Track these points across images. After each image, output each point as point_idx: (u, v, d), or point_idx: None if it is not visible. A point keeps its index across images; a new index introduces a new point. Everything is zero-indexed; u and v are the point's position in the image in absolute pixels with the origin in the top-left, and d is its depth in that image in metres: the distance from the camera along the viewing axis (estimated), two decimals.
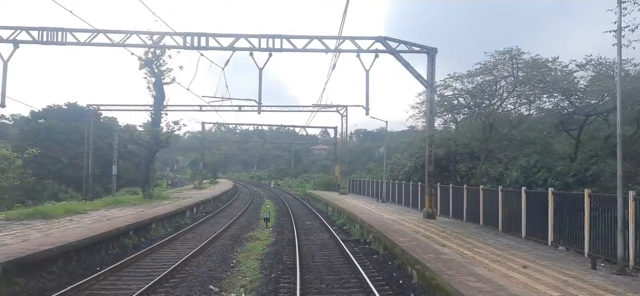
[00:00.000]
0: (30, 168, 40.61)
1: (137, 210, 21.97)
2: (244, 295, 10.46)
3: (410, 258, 11.45)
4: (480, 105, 21.91)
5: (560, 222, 12.79)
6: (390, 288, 10.63)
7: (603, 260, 10.53)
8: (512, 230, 15.50)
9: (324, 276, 12.02)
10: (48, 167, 49.42)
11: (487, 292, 7.51)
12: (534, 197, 14.39)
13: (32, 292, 9.78)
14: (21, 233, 13.20)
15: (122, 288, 10.53)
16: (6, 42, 19.74)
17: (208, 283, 11.25)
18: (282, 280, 11.52)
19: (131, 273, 12.11)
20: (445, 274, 8.87)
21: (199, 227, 22.27)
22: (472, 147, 22.94)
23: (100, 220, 17.20)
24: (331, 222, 25.51)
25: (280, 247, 16.72)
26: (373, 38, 20.75)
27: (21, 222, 15.74)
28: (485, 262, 10.35)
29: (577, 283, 8.43)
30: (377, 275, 12.03)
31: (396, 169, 34.97)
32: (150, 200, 28.44)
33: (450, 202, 21.45)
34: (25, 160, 37.28)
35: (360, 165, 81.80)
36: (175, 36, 20.52)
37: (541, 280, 8.52)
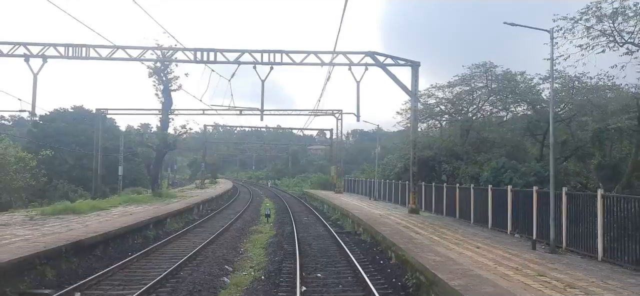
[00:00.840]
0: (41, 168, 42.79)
1: (152, 207, 24.40)
2: (253, 273, 12.92)
3: (389, 243, 13.97)
4: (459, 112, 24.46)
5: (516, 214, 15.34)
6: (372, 266, 13.14)
7: (544, 244, 13.04)
8: (481, 222, 18.03)
9: (319, 259, 14.52)
10: (56, 168, 51.62)
11: (439, 262, 10.02)
12: (498, 193, 16.94)
13: (84, 269, 12.20)
14: (65, 225, 15.63)
15: (154, 267, 12.96)
16: (36, 56, 22.12)
17: (223, 264, 13.74)
18: (284, 262, 13.99)
19: (158, 257, 14.57)
20: (412, 252, 11.38)
21: (207, 222, 24.70)
22: (452, 149, 25.48)
23: (124, 215, 19.64)
24: (326, 217, 28.00)
25: (281, 238, 19.20)
26: (363, 53, 23.26)
27: (57, 217, 18.15)
28: (448, 244, 12.87)
29: (513, 257, 10.95)
30: (363, 258, 14.52)
31: (387, 169, 37.48)
32: (159, 198, 30.85)
33: (432, 199, 23.98)
34: (38, 161, 39.45)
35: (356, 165, 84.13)
36: (187, 51, 22.97)
37: (485, 256, 11.04)
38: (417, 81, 22.95)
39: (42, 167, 44.23)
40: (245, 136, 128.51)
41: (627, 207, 10.23)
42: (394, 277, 11.71)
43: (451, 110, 24.67)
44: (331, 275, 12.32)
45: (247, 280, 11.87)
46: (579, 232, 11.89)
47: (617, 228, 10.46)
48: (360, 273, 11.72)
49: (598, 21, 13.54)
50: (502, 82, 21.81)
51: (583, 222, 11.71)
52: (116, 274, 11.97)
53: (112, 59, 22.61)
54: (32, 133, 56.95)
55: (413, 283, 10.53)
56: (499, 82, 21.90)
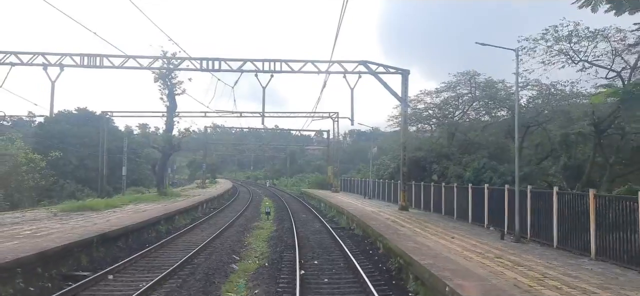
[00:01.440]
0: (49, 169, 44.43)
1: (161, 205, 26.18)
2: (258, 261, 14.74)
3: (378, 235, 15.83)
4: (446, 116, 26.36)
5: (492, 209, 17.21)
6: (363, 255, 15.00)
7: (513, 235, 14.90)
8: (463, 218, 19.90)
9: (316, 249, 16.37)
10: (61, 168, 53.28)
11: (416, 248, 11.88)
12: (476, 191, 18.81)
13: (111, 257, 14.00)
14: (88, 220, 17.42)
15: (171, 256, 14.78)
16: (54, 65, 23.89)
17: (231, 254, 15.56)
18: (285, 252, 15.81)
19: (173, 248, 16.39)
20: (396, 241, 13.24)
21: (212, 219, 26.51)
22: (440, 151, 27.36)
23: (137, 212, 21.43)
24: (323, 215, 29.85)
25: (281, 233, 21.03)
26: (357, 61, 25.11)
27: (78, 213, 19.92)
28: (428, 236, 14.74)
29: (481, 245, 12.81)
30: (355, 248, 16.37)
31: (381, 169, 39.36)
32: (165, 197, 32.63)
33: (421, 197, 25.86)
34: (47, 162, 41.11)
35: (353, 164, 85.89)
36: (193, 61, 24.78)
37: (457, 244, 12.90)
38: (407, 87, 24.81)
39: (47, 167, 45.97)
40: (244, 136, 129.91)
41: (575, 202, 12.11)
42: (381, 263, 13.58)
43: (439, 114, 26.61)
44: (326, 262, 14.17)
45: (253, 267, 13.69)
46: (540, 224, 13.76)
47: (569, 221, 12.34)
48: (351, 261, 13.57)
49: (556, 42, 15.40)
50: (484, 90, 23.72)
51: (543, 215, 13.58)
52: (139, 261, 13.79)
53: (124, 68, 24.39)
54: (38, 134, 58.65)
55: (395, 267, 12.40)
56: (481, 89, 23.82)
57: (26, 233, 13.48)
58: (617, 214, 10.38)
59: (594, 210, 11.12)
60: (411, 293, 10.34)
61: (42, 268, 10.90)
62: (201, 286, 11.13)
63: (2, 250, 10.66)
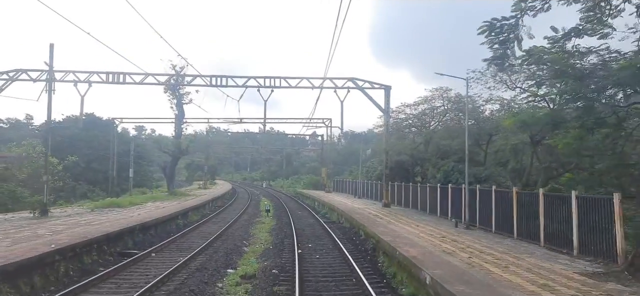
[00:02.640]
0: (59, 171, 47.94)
1: (175, 203, 29.89)
2: (263, 245, 18.52)
3: (360, 225, 19.69)
4: (424, 125, 30.29)
5: (453, 204, 21.10)
6: (347, 240, 18.83)
7: (464, 224, 18.74)
8: (433, 212, 23.79)
9: (310, 237, 20.19)
10: (70, 170, 56.78)
11: (386, 232, 15.73)
12: (443, 190, 22.70)
13: (149, 241, 17.71)
14: (124, 214, 21.13)
15: (194, 242, 18.51)
16: (83, 82, 27.55)
17: (241, 240, 19.35)
18: (285, 240, 19.60)
19: (192, 236, 20.12)
20: (372, 228, 17.10)
21: (219, 215, 30.21)
22: (419, 155, 31.30)
23: (158, 208, 25.14)
24: (317, 211, 33.67)
25: (281, 226, 24.81)
26: (346, 78, 28.99)
27: (109, 209, 23.61)
28: (398, 224, 18.60)
29: (436, 231, 16.66)
30: (342, 236, 20.20)
31: (370, 171, 43.25)
32: (175, 196, 36.30)
33: (402, 196, 29.74)
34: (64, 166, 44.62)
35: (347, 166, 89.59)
36: (204, 77, 28.54)
37: (418, 229, 16.76)
38: (389, 101, 28.74)
39: (58, 169, 49.41)
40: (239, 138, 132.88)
41: (504, 197, 16.03)
42: (361, 245, 17.45)
43: (417, 123, 30.49)
44: (318, 245, 18.01)
45: (260, 249, 17.47)
46: (485, 215, 17.65)
47: (502, 211, 16.24)
48: (337, 243, 17.42)
49: (496, 73, 19.26)
50: (455, 103, 27.63)
51: (486, 208, 17.48)
52: (170, 245, 17.54)
53: (144, 84, 28.11)
54: (47, 139, 61.98)
55: (371, 247, 16.26)
56: (452, 102, 27.75)
57: (84, 223, 17.22)
58: (529, 206, 14.29)
59: (516, 203, 15.04)
60: (379, 263, 14.18)
61: (106, 246, 14.66)
62: (224, 260, 14.93)
63: (80, 232, 14.40)
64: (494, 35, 12.93)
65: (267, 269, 13.37)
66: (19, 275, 10.02)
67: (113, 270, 12.43)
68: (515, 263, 10.53)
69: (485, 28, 12.85)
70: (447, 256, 11.17)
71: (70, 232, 14.50)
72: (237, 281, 12.08)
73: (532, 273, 9.41)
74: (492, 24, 12.91)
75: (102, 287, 10.96)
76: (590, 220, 11.30)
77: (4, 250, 10.95)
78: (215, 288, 11.40)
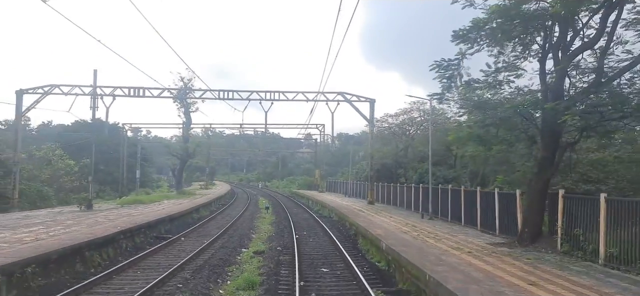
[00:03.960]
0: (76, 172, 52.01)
1: (187, 200, 34.17)
2: (267, 234, 22.89)
3: (346, 217, 24.13)
4: (404, 133, 34.83)
5: (423, 200, 25.58)
6: (335, 229, 23.24)
7: (429, 216, 23.20)
8: (409, 207, 28.27)
9: (305, 228, 24.59)
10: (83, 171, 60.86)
11: (365, 221, 20.16)
12: (416, 189, 27.19)
13: (176, 229, 22.00)
14: (150, 209, 25.39)
15: (210, 230, 22.82)
16: (108, 95, 31.79)
17: (248, 230, 23.72)
18: (284, 230, 23.99)
19: (208, 227, 24.43)
20: (354, 219, 21.55)
21: (224, 212, 34.48)
22: (401, 160, 35.89)
23: (175, 205, 29.41)
24: (311, 208, 38.07)
25: (280, 220, 29.17)
26: (336, 92, 33.52)
27: (133, 205, 27.83)
28: (376, 216, 23.05)
29: (405, 220, 21.11)
30: (331, 226, 24.59)
31: (360, 173, 47.72)
32: (184, 195, 40.55)
33: (385, 194, 34.24)
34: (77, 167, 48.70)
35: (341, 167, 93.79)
36: (213, 91, 32.89)
37: (391, 220, 21.21)
38: (374, 112, 33.32)
39: (68, 170, 53.50)
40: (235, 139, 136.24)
41: (456, 194, 20.54)
42: (345, 232, 21.87)
43: (398, 132, 35.00)
44: (312, 233, 22.41)
45: (265, 236, 21.82)
46: (444, 208, 22.14)
47: (455, 204, 20.72)
48: (327, 231, 21.84)
49: None
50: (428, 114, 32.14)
51: (445, 203, 21.97)
52: (192, 233, 21.85)
53: (160, 97, 32.40)
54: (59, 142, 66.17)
55: (352, 233, 20.70)
56: (427, 113, 32.24)
57: (125, 215, 21.50)
58: (469, 200, 18.78)
59: (463, 198, 19.54)
60: (358, 243, 18.60)
61: (147, 231, 18.98)
62: (238, 242, 19.30)
63: (125, 222, 18.71)
64: (442, 71, 17.43)
65: (273, 247, 17.76)
66: (101, 247, 14.33)
67: (159, 247, 16.74)
68: (448, 238, 15.00)
69: (435, 66, 17.32)
70: (402, 235, 15.63)
71: (121, 220, 18.80)
72: (251, 255, 16.42)
73: (455, 243, 13.87)
74: (440, 63, 17.38)
75: (156, 257, 15.26)
76: (506, 209, 15.81)
77: (88, 231, 15.26)
78: (237, 258, 15.76)
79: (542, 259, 11.22)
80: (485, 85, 16.31)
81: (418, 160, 35.51)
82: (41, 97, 31.45)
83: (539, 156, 13.57)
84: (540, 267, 10.21)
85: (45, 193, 38.31)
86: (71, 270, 12.25)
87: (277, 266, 14.12)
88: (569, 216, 12.19)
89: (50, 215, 20.84)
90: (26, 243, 12.56)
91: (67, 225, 16.82)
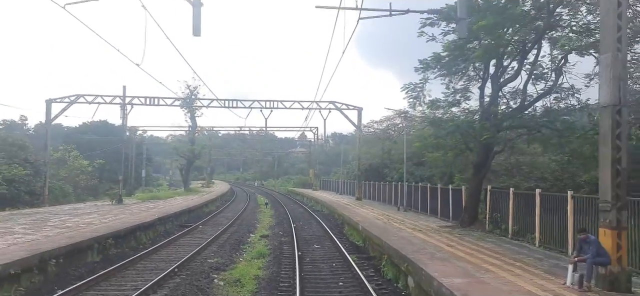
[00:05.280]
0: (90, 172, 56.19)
1: (197, 197, 38.55)
2: (269, 223, 27.38)
3: (335, 210, 28.68)
4: (388, 138, 39.45)
5: (401, 196, 30.15)
6: (326, 220, 27.77)
7: (404, 208, 27.74)
8: (390, 202, 32.85)
9: (301, 219, 29.13)
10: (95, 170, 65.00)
11: (351, 212, 24.69)
12: (395, 186, 31.76)
13: (193, 219, 26.40)
14: (169, 204, 29.75)
15: (222, 221, 27.24)
16: (127, 104, 36.06)
17: (253, 221, 28.21)
18: (283, 221, 28.49)
19: (218, 218, 28.86)
20: (341, 211, 26.09)
21: (229, 207, 38.88)
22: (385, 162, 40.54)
23: (186, 200, 33.79)
24: (305, 204, 42.60)
25: (278, 213, 33.67)
26: (328, 101, 38.11)
27: (152, 201, 32.16)
28: (361, 210, 27.59)
29: (383, 212, 25.65)
30: (323, 218, 29.11)
31: (350, 172, 52.27)
32: (191, 192, 44.88)
33: (371, 191, 38.82)
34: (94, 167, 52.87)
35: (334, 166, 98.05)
36: (220, 100, 37.30)
37: (373, 211, 25.77)
38: (361, 119, 37.86)
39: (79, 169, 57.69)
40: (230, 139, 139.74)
41: (423, 190, 25.13)
42: (334, 222, 26.43)
43: (383, 136, 39.62)
44: (306, 223, 26.94)
45: (267, 225, 26.30)
46: (416, 202, 26.71)
47: (422, 198, 25.30)
48: (319, 221, 26.38)
49: None
50: (410, 120, 36.80)
51: (416, 197, 26.55)
52: (208, 222, 26.29)
53: (173, 105, 36.74)
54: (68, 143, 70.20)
55: (340, 222, 25.25)
56: (408, 120, 36.93)
57: (152, 208, 25.88)
58: (433, 194, 23.37)
59: (429, 194, 24.14)
60: (344, 230, 23.12)
61: (174, 220, 23.39)
62: (246, 229, 23.78)
63: (156, 212, 23.11)
64: (410, 92, 22.01)
65: (275, 233, 22.26)
66: (146, 229, 18.74)
67: (185, 232, 21.14)
68: (411, 223, 19.57)
69: (404, 87, 21.90)
70: (376, 221, 20.19)
71: (152, 211, 23.21)
72: (258, 238, 20.90)
73: (414, 226, 18.43)
74: (409, 86, 21.98)
75: (186, 238, 19.68)
76: (457, 201, 20.40)
77: (135, 218, 19.68)
78: (248, 239, 20.23)
79: (470, 234, 15.80)
80: (446, 103, 20.95)
81: (401, 161, 40.12)
82: (68, 105, 35.65)
83: (475, 161, 18.18)
84: (465, 239, 14.78)
85: (66, 190, 42.49)
86: (130, 244, 16.71)
87: (280, 245, 18.61)
88: (493, 205, 16.81)
89: (91, 208, 25.16)
90: (99, 224, 16.99)
91: (115, 214, 21.22)
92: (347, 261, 14.31)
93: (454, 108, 20.47)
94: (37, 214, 20.61)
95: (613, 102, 8.12)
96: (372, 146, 42.78)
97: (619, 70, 8.14)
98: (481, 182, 18.05)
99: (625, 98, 8.31)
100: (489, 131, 16.26)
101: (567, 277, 8.42)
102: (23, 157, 36.00)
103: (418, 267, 10.07)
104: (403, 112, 18.57)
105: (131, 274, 12.23)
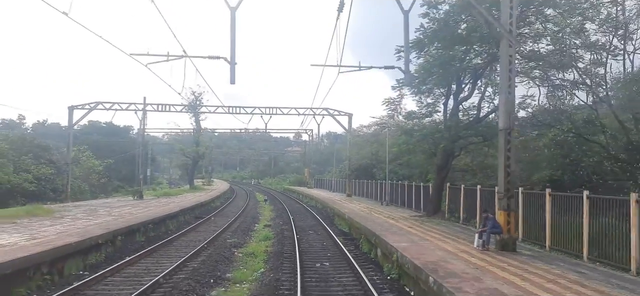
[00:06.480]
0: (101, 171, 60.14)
1: (203, 194, 42.73)
2: (270, 216, 31.64)
3: (327, 205, 33.00)
4: (377, 141, 43.83)
5: (385, 193, 34.50)
6: (320, 214, 32.08)
7: (387, 202, 32.06)
8: (376, 198, 37.17)
9: (298, 213, 33.42)
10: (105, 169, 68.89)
11: (341, 206, 29.00)
12: (381, 184, 36.10)
13: (206, 212, 30.59)
14: (182, 199, 33.91)
15: (229, 214, 31.46)
16: (141, 110, 40.16)
17: (255, 214, 32.48)
18: (282, 214, 32.77)
19: (225, 212, 33.08)
20: (333, 206, 30.40)
21: (232, 204, 43.07)
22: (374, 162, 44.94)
23: (196, 197, 37.96)
24: (301, 201, 46.89)
25: (277, 208, 37.94)
26: (322, 108, 42.34)
27: (165, 197, 36.29)
28: (349, 204, 31.90)
29: (369, 206, 29.97)
30: (317, 212, 33.41)
31: (343, 171, 56.63)
32: (196, 190, 49.02)
33: (361, 189, 43.15)
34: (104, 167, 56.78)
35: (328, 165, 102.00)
36: (224, 107, 41.51)
37: (360, 205, 30.10)
38: (351, 124, 42.33)
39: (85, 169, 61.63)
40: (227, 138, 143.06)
41: (403, 188, 29.50)
42: (326, 215, 30.76)
43: (372, 139, 43.99)
44: (303, 216, 31.23)
45: (268, 217, 30.56)
46: (397, 197, 31.05)
47: (403, 194, 29.65)
48: (314, 215, 30.69)
49: None
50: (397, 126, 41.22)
51: (397, 193, 30.90)
52: (217, 214, 30.50)
53: (182, 112, 40.88)
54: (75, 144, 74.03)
55: (331, 215, 29.58)
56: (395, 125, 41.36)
57: (170, 202, 30.05)
58: (409, 191, 27.73)
59: (406, 190, 28.51)
60: (335, 221, 27.42)
61: (190, 213, 27.60)
62: (251, 220, 28.04)
63: (175, 206, 27.29)
64: (389, 104, 26.46)
65: (276, 223, 26.54)
66: (172, 218, 22.94)
67: (200, 222, 25.32)
68: (388, 213, 23.88)
69: (385, 101, 26.39)
70: (360, 212, 24.52)
71: (172, 205, 27.40)
72: (263, 227, 25.15)
73: (390, 216, 22.74)
74: (389, 100, 26.48)
75: (203, 226, 23.87)
76: (426, 196, 24.76)
77: (161, 210, 23.88)
78: (254, 228, 24.48)
79: (431, 221, 20.16)
80: (420, 115, 25.33)
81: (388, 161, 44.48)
82: (87, 111, 39.65)
83: (438, 164, 22.58)
84: (425, 223, 19.12)
85: (83, 188, 46.50)
86: (161, 230, 20.94)
87: (281, 231, 22.89)
88: (451, 198, 21.20)
89: (119, 203, 29.27)
90: (137, 213, 21.19)
91: (143, 207, 25.41)
92: (334, 241, 18.63)
93: (426, 120, 24.89)
94: (80, 207, 24.71)
95: (505, 127, 12.48)
96: (361, 148, 47.17)
97: (510, 106, 12.51)
98: (443, 180, 22.44)
99: (513, 124, 12.70)
100: (446, 140, 20.65)
101: (474, 242, 12.79)
102: (47, 157, 39.92)
103: (382, 239, 14.38)
104: (383, 121, 22.22)
105: (175, 247, 16.50)
